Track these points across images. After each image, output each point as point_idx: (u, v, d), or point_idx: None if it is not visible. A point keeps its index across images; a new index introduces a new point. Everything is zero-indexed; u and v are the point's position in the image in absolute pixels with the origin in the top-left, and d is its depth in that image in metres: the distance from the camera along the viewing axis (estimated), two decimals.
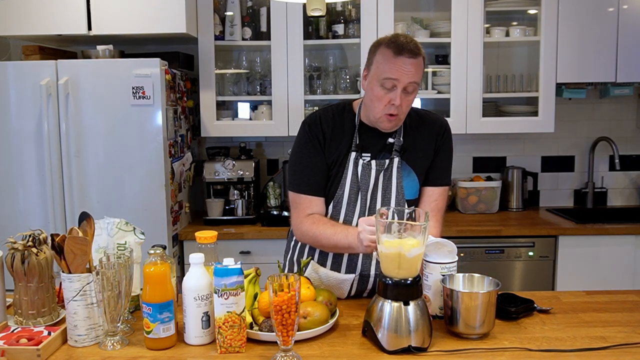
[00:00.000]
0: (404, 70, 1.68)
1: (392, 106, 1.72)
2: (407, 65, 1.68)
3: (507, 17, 3.38)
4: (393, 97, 1.70)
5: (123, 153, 2.79)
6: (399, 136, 1.83)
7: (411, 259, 1.44)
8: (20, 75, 2.77)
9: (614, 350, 1.44)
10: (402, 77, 1.68)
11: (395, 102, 1.70)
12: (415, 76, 1.70)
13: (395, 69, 1.68)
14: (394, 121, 1.76)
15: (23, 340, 1.43)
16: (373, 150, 1.84)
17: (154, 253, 1.49)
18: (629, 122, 3.60)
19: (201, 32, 3.14)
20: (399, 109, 1.72)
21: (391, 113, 1.73)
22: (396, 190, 1.83)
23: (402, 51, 1.68)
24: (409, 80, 1.69)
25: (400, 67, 1.68)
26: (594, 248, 3.01)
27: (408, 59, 1.68)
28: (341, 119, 1.87)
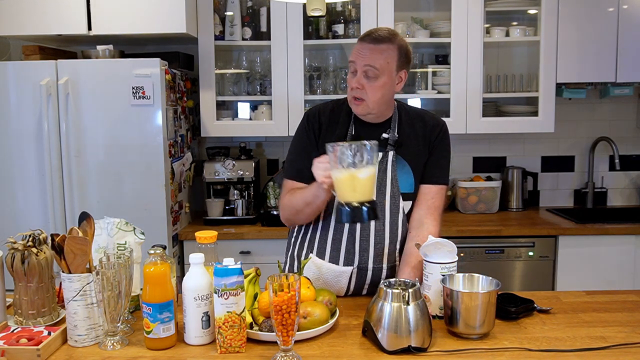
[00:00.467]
0: (360, 54, 1.77)
1: (355, 89, 1.79)
2: (365, 49, 1.77)
3: (507, 17, 3.38)
4: (353, 80, 1.79)
5: (123, 153, 2.79)
6: (393, 131, 1.87)
7: (364, 180, 1.49)
8: (20, 75, 2.77)
9: (614, 350, 1.44)
10: (357, 60, 1.78)
11: (352, 83, 1.79)
12: (371, 60, 1.76)
13: (355, 52, 1.79)
14: (360, 105, 1.82)
15: (23, 340, 1.43)
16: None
17: (154, 253, 1.49)
18: (629, 122, 3.60)
19: (201, 32, 3.14)
20: (364, 94, 1.79)
21: (355, 96, 1.80)
22: (391, 183, 1.85)
23: (364, 37, 1.80)
24: (364, 63, 1.76)
25: (358, 50, 1.78)
26: (594, 248, 3.01)
27: (368, 44, 1.77)
28: (339, 111, 1.93)
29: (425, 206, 1.87)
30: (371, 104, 1.81)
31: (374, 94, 1.79)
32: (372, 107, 1.82)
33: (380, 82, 1.78)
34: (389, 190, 1.85)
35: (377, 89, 1.78)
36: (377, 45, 1.76)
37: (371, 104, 1.81)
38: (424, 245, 1.67)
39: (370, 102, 1.80)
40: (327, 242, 1.87)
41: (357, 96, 1.80)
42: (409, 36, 3.27)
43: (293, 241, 2.01)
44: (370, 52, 1.76)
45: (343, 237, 1.85)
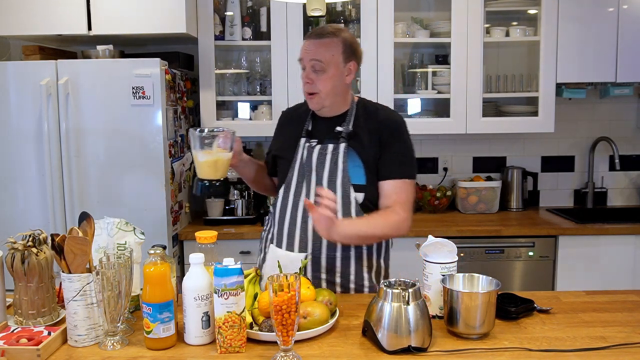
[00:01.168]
0: (306, 50, 1.88)
1: (306, 84, 1.88)
2: (309, 45, 1.87)
3: (507, 17, 3.38)
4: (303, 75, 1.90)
5: (123, 153, 2.79)
6: (347, 124, 1.92)
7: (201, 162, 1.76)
8: (20, 75, 2.77)
9: (614, 350, 1.44)
10: (304, 56, 1.88)
11: (303, 78, 1.89)
12: (316, 54, 1.84)
13: (302, 49, 1.90)
14: (313, 100, 1.90)
15: (23, 340, 1.43)
16: (321, 137, 1.95)
17: (154, 253, 1.49)
18: (629, 122, 3.60)
19: (201, 32, 3.14)
20: (315, 87, 1.87)
21: (308, 92, 1.89)
22: (342, 174, 1.88)
23: (309, 35, 1.91)
24: (310, 57, 1.85)
25: (304, 47, 1.89)
26: (594, 248, 3.01)
27: (311, 40, 1.88)
28: (300, 109, 2.05)
29: (390, 201, 1.89)
30: (323, 95, 1.88)
31: (324, 85, 1.86)
32: (325, 98, 1.89)
33: (328, 74, 1.85)
34: (340, 180, 1.88)
35: (326, 81, 1.86)
36: (320, 39, 1.86)
37: (323, 95, 1.88)
38: (424, 245, 1.67)
39: (322, 95, 1.88)
40: (284, 232, 1.94)
41: (309, 91, 1.88)
42: (409, 36, 3.27)
43: (262, 235, 2.11)
44: (314, 47, 1.86)
45: (296, 227, 1.92)
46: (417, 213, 3.45)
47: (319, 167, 1.90)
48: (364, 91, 3.18)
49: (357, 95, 2.02)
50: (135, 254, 1.67)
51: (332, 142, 1.91)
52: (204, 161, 1.77)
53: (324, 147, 1.91)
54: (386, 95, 3.19)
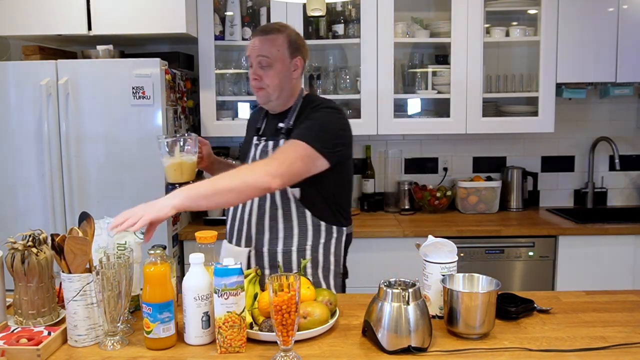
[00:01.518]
0: (252, 46, 1.92)
1: (254, 80, 1.92)
2: (255, 42, 1.92)
3: (507, 17, 3.38)
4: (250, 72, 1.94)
5: (123, 153, 2.79)
6: (288, 120, 1.95)
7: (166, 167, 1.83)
8: (20, 75, 2.77)
9: (614, 350, 1.44)
10: (251, 53, 1.93)
11: (250, 75, 1.94)
12: (262, 50, 1.89)
13: (249, 47, 1.95)
14: (261, 94, 1.94)
15: (23, 340, 1.43)
16: (269, 134, 2.00)
17: (154, 253, 1.49)
18: (629, 122, 3.60)
19: (201, 32, 3.14)
20: (263, 83, 1.91)
21: (255, 87, 1.94)
22: None
23: (255, 33, 1.96)
24: (257, 54, 1.90)
25: (251, 45, 1.94)
26: (594, 248, 3.01)
27: (257, 37, 1.93)
28: (260, 110, 2.11)
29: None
30: (270, 90, 1.92)
31: (271, 80, 1.91)
32: (272, 93, 1.92)
33: (275, 69, 1.90)
34: None
35: (273, 76, 1.90)
36: (266, 36, 1.91)
37: (270, 90, 1.92)
38: (424, 245, 1.67)
39: (269, 89, 1.92)
40: (234, 228, 2.01)
41: (256, 86, 1.93)
42: (409, 36, 3.27)
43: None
44: (260, 43, 1.90)
45: (244, 222, 1.97)
46: (417, 213, 3.46)
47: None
48: (363, 91, 3.19)
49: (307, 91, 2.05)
50: (135, 254, 1.67)
51: (274, 139, 1.95)
52: (168, 165, 1.86)
53: (266, 145, 1.97)
54: (386, 95, 3.19)
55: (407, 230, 3.02)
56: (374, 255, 2.98)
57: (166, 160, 1.85)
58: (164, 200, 1.57)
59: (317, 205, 1.92)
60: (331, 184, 1.92)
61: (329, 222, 1.96)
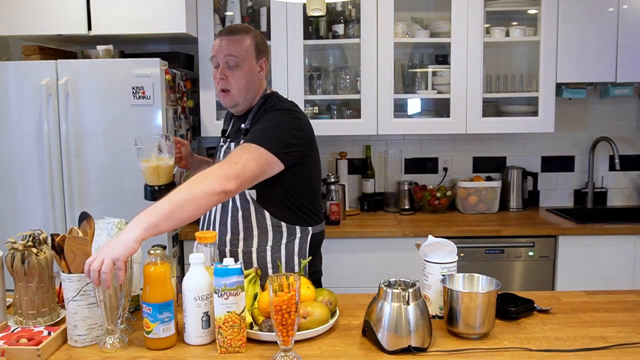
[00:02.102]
0: (219, 46, 1.90)
1: (220, 80, 1.90)
2: (222, 42, 1.90)
3: (507, 17, 3.38)
4: (217, 73, 1.91)
5: (123, 153, 2.79)
6: (248, 121, 1.93)
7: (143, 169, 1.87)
8: (20, 75, 2.77)
9: (614, 350, 1.44)
10: (218, 53, 1.90)
11: (216, 75, 1.90)
12: (229, 49, 1.87)
13: (214, 47, 1.92)
14: (227, 97, 1.92)
15: (23, 340, 1.43)
16: (232, 136, 2.01)
17: (154, 253, 1.49)
18: (629, 122, 3.60)
19: (201, 32, 3.14)
20: (228, 83, 1.89)
21: (222, 89, 1.91)
22: None
23: (221, 33, 1.94)
24: (224, 54, 1.88)
25: (217, 44, 1.91)
26: (594, 248, 3.01)
27: (223, 37, 1.91)
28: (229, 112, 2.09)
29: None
30: (237, 92, 1.90)
31: (238, 82, 1.89)
32: (238, 96, 1.91)
33: (242, 70, 1.89)
34: None
35: (240, 77, 1.89)
36: (233, 36, 1.89)
37: (237, 92, 1.90)
38: (424, 245, 1.67)
39: (235, 92, 1.90)
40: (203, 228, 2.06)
41: (223, 87, 1.90)
42: (409, 36, 3.27)
43: None
44: (228, 43, 1.88)
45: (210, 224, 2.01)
46: (417, 213, 3.46)
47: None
48: (364, 91, 3.19)
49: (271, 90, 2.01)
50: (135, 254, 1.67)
51: (237, 140, 1.95)
52: (145, 169, 1.89)
53: (228, 146, 1.98)
54: (386, 95, 3.19)
55: (407, 230, 3.02)
56: (374, 255, 2.98)
57: (143, 163, 1.90)
58: (126, 235, 1.45)
59: (275, 206, 1.89)
60: (290, 185, 1.86)
61: (291, 222, 1.91)
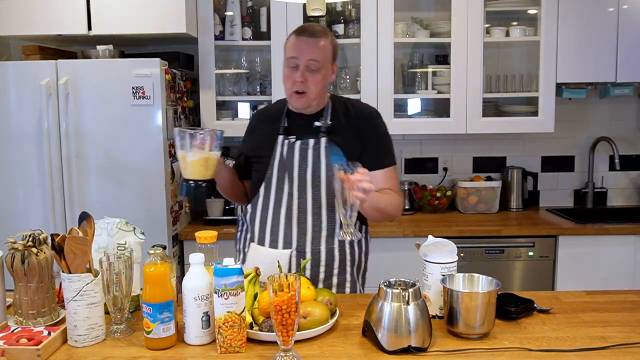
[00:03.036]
0: (303, 48, 1.85)
1: (296, 83, 1.86)
2: (306, 44, 1.85)
3: (507, 17, 3.38)
4: (296, 74, 1.86)
5: (123, 153, 2.79)
6: (325, 119, 1.94)
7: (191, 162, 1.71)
8: (20, 75, 2.77)
9: (614, 350, 1.44)
10: (300, 55, 1.85)
11: (297, 78, 1.85)
12: (313, 54, 1.84)
13: (296, 48, 1.86)
14: (302, 99, 1.89)
15: (23, 340, 1.43)
16: (299, 133, 1.96)
17: (154, 253, 1.49)
18: (629, 122, 3.60)
19: (201, 32, 3.14)
20: (306, 86, 1.86)
21: (297, 90, 1.88)
22: (325, 168, 1.90)
23: (302, 32, 1.88)
24: (308, 57, 1.84)
25: (300, 45, 1.86)
26: (594, 248, 3.01)
27: (307, 38, 1.86)
28: (274, 108, 2.07)
29: (384, 188, 1.91)
30: (313, 95, 1.89)
31: (316, 86, 1.88)
32: (314, 98, 1.90)
33: (321, 74, 1.88)
34: (324, 175, 1.90)
35: (319, 81, 1.88)
36: (316, 39, 1.86)
37: (313, 95, 1.89)
38: (424, 245, 1.67)
39: (312, 94, 1.89)
40: (266, 230, 1.94)
41: (300, 90, 1.87)
42: (409, 36, 3.27)
43: (238, 235, 2.10)
44: (312, 47, 1.85)
45: (280, 223, 1.92)
46: (417, 213, 3.46)
47: (301, 163, 1.92)
48: (364, 91, 3.18)
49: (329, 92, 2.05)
50: (135, 254, 1.67)
51: (311, 137, 1.93)
52: (194, 160, 1.74)
53: (305, 142, 1.93)
54: (386, 95, 3.19)
55: (407, 230, 3.02)
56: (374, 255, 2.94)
57: (193, 154, 1.72)
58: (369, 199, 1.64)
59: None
60: None
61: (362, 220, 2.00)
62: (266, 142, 2.00)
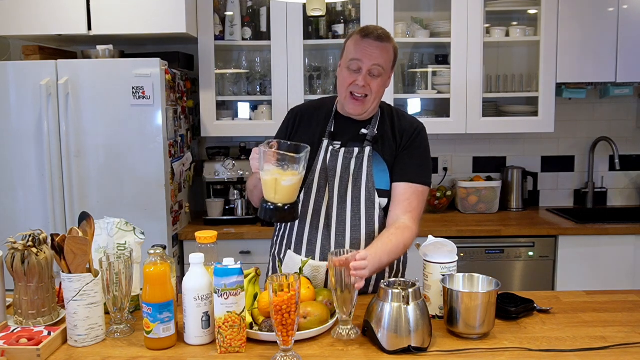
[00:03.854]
0: (368, 52, 1.76)
1: (355, 86, 1.78)
2: (372, 47, 1.76)
3: (507, 17, 3.38)
4: (358, 78, 1.77)
5: (123, 153, 2.79)
6: (372, 127, 1.87)
7: (287, 186, 1.57)
8: (20, 75, 2.77)
9: (614, 350, 1.44)
10: (365, 58, 1.76)
11: (359, 82, 1.77)
12: (379, 59, 1.77)
13: (360, 50, 1.77)
14: (359, 103, 1.81)
15: (23, 340, 1.43)
16: (345, 139, 1.88)
17: (154, 253, 1.49)
18: (629, 122, 3.60)
19: (201, 32, 3.14)
20: (366, 89, 1.78)
21: (355, 93, 1.79)
22: (366, 178, 1.84)
23: (368, 35, 1.77)
24: (373, 62, 1.76)
25: (365, 48, 1.76)
26: (594, 248, 3.01)
27: (373, 41, 1.76)
28: (320, 107, 1.96)
29: (401, 207, 1.83)
30: (372, 101, 1.82)
31: (377, 91, 1.81)
32: (372, 104, 1.84)
33: (383, 79, 1.81)
34: (364, 185, 1.84)
35: (380, 86, 1.81)
36: (382, 44, 1.78)
37: (372, 101, 1.82)
38: (424, 245, 1.67)
39: (371, 100, 1.82)
40: (304, 239, 1.87)
41: (359, 93, 1.79)
42: (409, 36, 3.27)
43: (274, 240, 2.03)
44: (378, 51, 1.77)
45: (319, 233, 1.85)
46: None
47: (343, 173, 1.84)
48: None
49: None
50: (135, 254, 1.67)
51: (356, 145, 1.86)
52: (290, 185, 1.56)
53: (349, 151, 1.85)
54: (386, 95, 3.16)
55: None
56: None
57: (289, 178, 1.54)
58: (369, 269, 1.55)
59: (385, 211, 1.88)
60: None
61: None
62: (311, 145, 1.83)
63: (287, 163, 1.55)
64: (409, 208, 1.83)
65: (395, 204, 1.84)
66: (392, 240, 1.73)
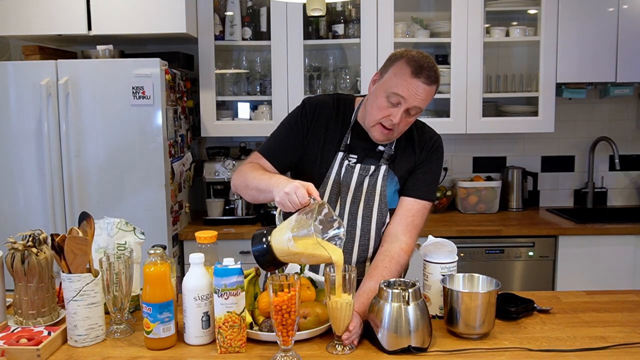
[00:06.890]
0: (415, 93, 1.67)
1: (389, 120, 1.70)
2: (419, 89, 1.67)
3: (507, 17, 3.38)
4: (394, 113, 1.69)
5: (123, 153, 2.79)
6: (390, 145, 1.83)
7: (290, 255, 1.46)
8: (20, 75, 2.77)
9: (614, 350, 1.44)
10: (410, 99, 1.67)
11: (395, 119, 1.69)
12: (423, 102, 1.70)
13: (407, 88, 1.67)
14: (386, 135, 1.75)
15: (23, 340, 1.43)
16: (361, 153, 1.83)
17: (154, 253, 1.49)
18: (629, 122, 3.60)
19: (201, 32, 3.14)
20: (396, 126, 1.72)
21: (386, 126, 1.73)
22: (379, 198, 1.81)
23: (420, 74, 1.67)
24: (415, 104, 1.69)
25: (413, 88, 1.67)
26: (594, 248, 3.01)
27: (422, 83, 1.67)
28: (339, 111, 1.86)
29: (404, 223, 1.79)
30: (397, 134, 1.78)
31: (405, 127, 1.77)
32: (396, 137, 1.80)
33: (415, 117, 1.77)
34: (377, 204, 1.82)
35: (409, 124, 1.78)
36: (430, 86, 1.69)
37: (397, 134, 1.78)
38: (424, 245, 1.67)
39: (396, 134, 1.77)
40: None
41: (389, 127, 1.72)
42: (409, 36, 3.27)
43: None
44: (424, 94, 1.69)
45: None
46: None
47: (356, 189, 1.81)
48: (363, 91, 3.18)
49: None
50: (135, 254, 1.67)
51: (372, 162, 1.82)
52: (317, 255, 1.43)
53: (365, 168, 1.81)
54: None
55: None
56: None
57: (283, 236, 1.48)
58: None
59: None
60: None
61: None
62: (324, 153, 1.83)
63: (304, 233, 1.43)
64: (411, 225, 1.79)
65: (399, 217, 1.81)
66: (385, 276, 1.65)
